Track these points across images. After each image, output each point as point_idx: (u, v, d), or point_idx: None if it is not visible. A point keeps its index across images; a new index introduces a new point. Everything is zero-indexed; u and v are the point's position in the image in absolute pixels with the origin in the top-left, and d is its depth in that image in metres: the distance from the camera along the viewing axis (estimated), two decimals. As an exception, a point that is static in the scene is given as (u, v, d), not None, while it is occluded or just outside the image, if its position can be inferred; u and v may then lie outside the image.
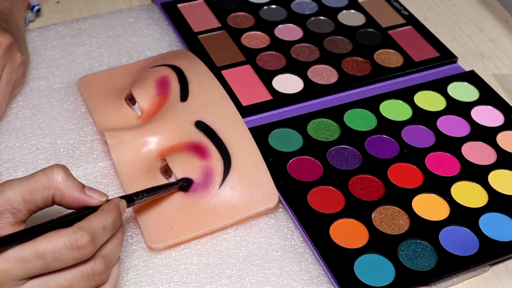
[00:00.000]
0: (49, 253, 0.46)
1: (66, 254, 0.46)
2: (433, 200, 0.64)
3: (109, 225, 0.50)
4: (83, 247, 0.47)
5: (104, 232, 0.49)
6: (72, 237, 0.47)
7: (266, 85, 0.74)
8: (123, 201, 0.54)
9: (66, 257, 0.47)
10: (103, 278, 0.49)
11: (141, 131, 0.65)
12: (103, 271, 0.49)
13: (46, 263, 0.46)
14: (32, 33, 0.81)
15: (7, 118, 0.71)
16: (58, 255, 0.46)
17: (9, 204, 0.49)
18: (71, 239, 0.47)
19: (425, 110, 0.73)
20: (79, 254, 0.47)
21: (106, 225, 0.50)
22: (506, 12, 0.90)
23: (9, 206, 0.49)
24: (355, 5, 0.87)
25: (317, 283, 0.58)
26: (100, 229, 0.49)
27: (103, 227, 0.49)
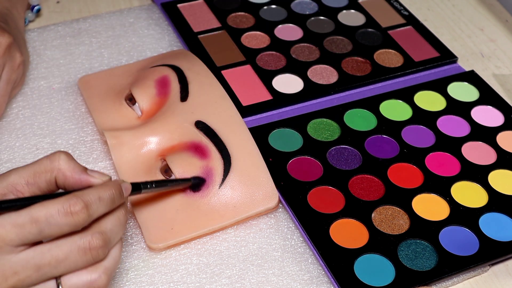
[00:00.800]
0: (43, 218, 0.46)
1: (59, 219, 0.47)
2: (433, 200, 0.64)
3: (106, 197, 0.50)
4: (76, 213, 0.47)
5: (100, 202, 0.49)
6: (65, 203, 0.47)
7: (266, 85, 0.74)
8: (126, 183, 0.54)
9: (60, 222, 0.47)
10: (100, 254, 0.49)
11: (141, 131, 0.65)
12: (100, 247, 0.48)
13: (40, 228, 0.46)
14: (32, 33, 0.81)
15: (7, 118, 0.71)
16: (52, 220, 0.46)
17: (13, 187, 0.49)
18: (65, 205, 0.47)
19: (425, 110, 0.73)
20: (72, 220, 0.47)
21: (102, 197, 0.49)
22: (506, 12, 0.90)
23: (13, 189, 0.49)
24: (355, 5, 0.87)
25: (317, 283, 0.58)
26: (96, 198, 0.49)
27: (99, 197, 0.49)
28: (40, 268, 0.47)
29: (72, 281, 0.48)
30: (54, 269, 0.47)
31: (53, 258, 0.47)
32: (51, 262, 0.47)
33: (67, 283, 0.48)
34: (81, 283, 0.48)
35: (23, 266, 0.46)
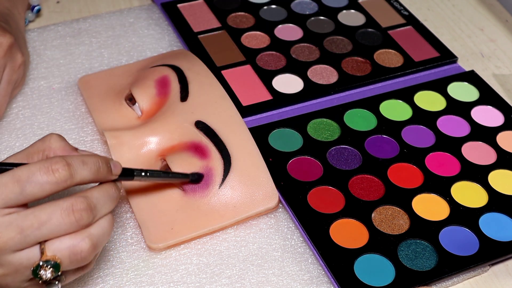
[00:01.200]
0: (24, 177, 0.47)
1: (40, 177, 0.47)
2: (433, 200, 0.64)
3: (90, 163, 0.50)
4: (57, 170, 0.48)
5: (83, 166, 0.49)
6: (47, 162, 0.48)
7: (266, 85, 0.74)
8: (115, 161, 0.54)
9: (41, 180, 0.47)
10: (84, 217, 0.48)
11: (141, 131, 0.65)
12: (83, 209, 0.48)
13: (21, 186, 0.47)
14: (32, 33, 0.81)
15: (7, 118, 0.71)
16: (33, 177, 0.47)
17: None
18: (46, 163, 0.48)
19: (425, 110, 0.73)
20: (53, 177, 0.47)
21: (86, 161, 0.50)
22: (506, 12, 0.90)
23: None
24: (355, 5, 0.87)
25: (317, 283, 0.58)
26: (79, 161, 0.49)
27: (82, 161, 0.50)
28: (23, 230, 0.47)
29: (55, 245, 0.48)
30: (37, 231, 0.47)
31: (36, 219, 0.47)
32: (34, 224, 0.47)
33: (50, 247, 0.48)
34: (63, 246, 0.48)
35: (6, 227, 0.46)
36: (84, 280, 0.57)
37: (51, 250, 0.48)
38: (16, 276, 0.48)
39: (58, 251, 0.48)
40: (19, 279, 0.49)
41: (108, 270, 0.58)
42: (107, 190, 0.52)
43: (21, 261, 0.47)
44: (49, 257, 0.47)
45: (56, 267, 0.48)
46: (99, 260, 0.59)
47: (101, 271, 0.58)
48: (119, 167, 0.54)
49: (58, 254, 0.48)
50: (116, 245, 0.60)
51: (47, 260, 0.47)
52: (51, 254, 0.48)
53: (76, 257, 0.49)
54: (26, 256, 0.47)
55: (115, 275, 0.58)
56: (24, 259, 0.47)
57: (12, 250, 0.47)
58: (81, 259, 0.49)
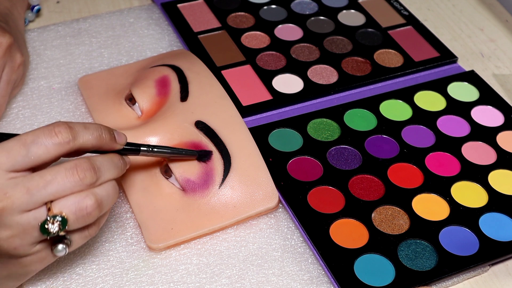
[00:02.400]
0: (30, 140, 0.49)
1: (45, 138, 0.49)
2: (433, 200, 0.64)
3: (92, 128, 0.52)
4: (60, 132, 0.50)
5: (85, 129, 0.51)
6: (50, 125, 0.50)
7: (266, 85, 0.74)
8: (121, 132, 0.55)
9: (45, 141, 0.49)
10: (87, 176, 0.50)
11: (141, 131, 0.65)
12: (87, 168, 0.50)
13: (27, 149, 0.49)
14: (32, 33, 0.81)
15: (7, 118, 0.71)
16: (38, 140, 0.49)
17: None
18: (50, 127, 0.50)
19: (425, 110, 0.73)
20: (56, 138, 0.49)
21: (88, 126, 0.52)
22: (506, 12, 0.90)
23: None
24: (355, 5, 0.87)
25: (317, 283, 0.58)
26: (80, 125, 0.51)
27: (84, 126, 0.52)
28: (29, 190, 0.48)
29: (61, 203, 0.49)
30: (43, 191, 0.48)
31: (41, 179, 0.48)
32: (39, 184, 0.48)
33: (56, 205, 0.49)
34: (69, 202, 0.49)
35: (13, 187, 0.48)
36: (84, 280, 0.57)
37: (58, 208, 0.49)
38: (24, 237, 0.49)
39: (64, 207, 0.49)
40: (27, 241, 0.49)
41: (108, 270, 0.58)
42: (111, 157, 0.53)
43: (28, 220, 0.48)
44: (55, 213, 0.49)
45: (63, 221, 0.49)
46: (99, 260, 0.59)
47: (101, 271, 0.58)
48: (123, 137, 0.55)
49: (64, 210, 0.49)
50: (116, 245, 0.60)
51: (54, 215, 0.49)
52: (58, 211, 0.49)
53: (82, 213, 0.50)
54: (33, 216, 0.49)
55: (115, 275, 0.58)
56: (32, 218, 0.49)
57: (19, 210, 0.48)
58: (87, 214, 0.50)
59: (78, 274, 0.58)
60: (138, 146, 0.57)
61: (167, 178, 0.63)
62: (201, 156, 0.62)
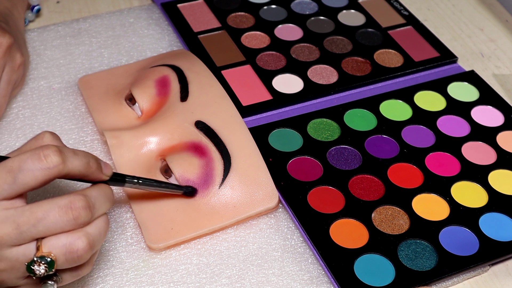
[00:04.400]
0: (16, 166, 0.47)
1: (32, 163, 0.47)
2: (433, 200, 0.64)
3: (81, 154, 0.50)
4: (48, 155, 0.47)
5: (74, 155, 0.49)
6: (38, 150, 0.48)
7: (266, 85, 0.74)
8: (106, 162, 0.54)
9: (32, 166, 0.47)
10: (82, 215, 0.48)
11: (141, 131, 0.65)
12: (82, 207, 0.48)
13: (14, 176, 0.47)
14: (32, 33, 0.81)
15: (7, 118, 0.71)
16: (25, 165, 0.47)
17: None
18: (36, 151, 0.48)
19: (425, 110, 0.73)
20: (44, 162, 0.47)
21: (76, 152, 0.50)
22: (506, 12, 0.90)
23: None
24: (355, 5, 0.87)
25: (317, 283, 0.58)
26: (69, 150, 0.49)
27: (73, 151, 0.50)
28: (19, 226, 0.47)
29: (51, 242, 0.48)
30: (33, 228, 0.47)
31: (33, 215, 0.47)
32: (30, 220, 0.47)
33: (46, 243, 0.48)
34: (59, 243, 0.48)
35: (2, 222, 0.46)
36: (84, 280, 0.57)
37: (47, 247, 0.48)
38: (12, 272, 0.48)
39: (54, 248, 0.48)
40: (15, 275, 0.49)
41: (108, 270, 0.58)
42: (104, 190, 0.52)
43: (17, 256, 0.47)
44: (44, 253, 0.47)
45: (51, 263, 0.47)
46: (99, 260, 0.59)
47: (101, 271, 0.58)
48: (109, 168, 0.53)
49: (54, 251, 0.48)
50: (116, 245, 0.60)
51: (41, 256, 0.47)
52: (47, 250, 0.47)
53: (72, 256, 0.48)
54: (22, 252, 0.47)
55: (115, 275, 0.58)
56: (21, 254, 0.47)
57: (8, 245, 0.47)
58: (77, 257, 0.49)
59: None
60: (123, 177, 0.56)
61: (167, 178, 0.63)
62: (187, 192, 0.61)
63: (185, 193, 0.61)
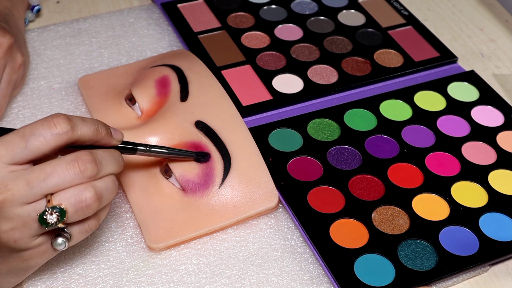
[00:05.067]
0: (28, 132, 0.49)
1: (43, 129, 0.49)
2: (433, 200, 0.64)
3: (89, 121, 0.52)
4: (59, 123, 0.50)
5: (83, 122, 0.52)
6: (48, 117, 0.50)
7: (266, 85, 0.74)
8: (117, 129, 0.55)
9: (43, 132, 0.49)
10: (88, 168, 0.50)
11: (141, 131, 0.65)
12: (88, 161, 0.50)
13: (26, 141, 0.49)
14: (32, 33, 0.81)
15: (7, 118, 0.71)
16: (36, 131, 0.49)
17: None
18: (48, 118, 0.50)
19: (425, 110, 0.73)
20: (55, 129, 0.49)
21: (85, 119, 0.52)
22: (506, 12, 0.90)
23: None
24: (355, 5, 0.87)
25: (317, 283, 0.58)
26: (78, 118, 0.51)
27: (81, 118, 0.52)
28: (30, 182, 0.48)
29: (61, 195, 0.49)
30: (43, 183, 0.48)
31: (42, 172, 0.49)
32: (40, 176, 0.48)
33: (56, 197, 0.49)
34: (68, 195, 0.49)
35: (14, 180, 0.48)
36: (84, 280, 0.57)
37: (57, 200, 0.49)
38: (24, 230, 0.49)
39: (63, 199, 0.49)
40: (27, 233, 0.50)
41: (108, 270, 0.58)
42: (112, 152, 0.54)
43: (28, 213, 0.49)
44: (54, 204, 0.49)
45: (62, 212, 0.49)
46: (99, 260, 0.59)
47: (101, 271, 0.58)
48: (119, 133, 0.55)
49: (63, 202, 0.49)
50: (116, 245, 0.60)
51: (52, 206, 0.49)
52: (57, 202, 0.49)
53: (81, 205, 0.50)
54: (33, 208, 0.49)
55: (115, 275, 0.58)
56: (32, 211, 0.49)
57: (20, 202, 0.48)
58: (86, 207, 0.50)
59: (78, 274, 0.58)
60: (135, 145, 0.57)
61: (167, 178, 0.63)
62: (198, 157, 0.62)
63: (197, 159, 0.62)
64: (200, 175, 0.62)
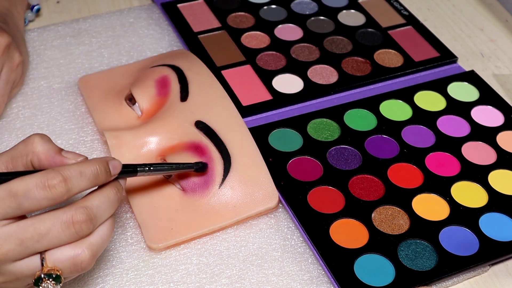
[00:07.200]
0: (21, 192, 0.46)
1: (37, 193, 0.47)
2: (433, 200, 0.64)
3: (89, 172, 0.49)
4: (54, 186, 0.47)
5: (81, 177, 0.49)
6: (43, 177, 0.47)
7: (266, 85, 0.74)
8: (116, 161, 0.53)
9: (37, 196, 0.47)
10: (84, 228, 0.48)
11: (141, 131, 0.65)
12: (83, 221, 0.48)
13: (18, 202, 0.46)
14: (32, 33, 0.81)
15: (7, 118, 0.71)
16: (30, 194, 0.46)
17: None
18: (43, 178, 0.47)
19: (425, 110, 0.73)
20: (50, 193, 0.47)
21: (84, 172, 0.49)
22: (506, 12, 0.90)
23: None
24: (355, 5, 0.87)
25: (317, 283, 0.58)
26: (76, 173, 0.49)
27: (80, 172, 0.49)
28: (23, 242, 0.47)
29: (56, 255, 0.48)
30: (37, 243, 0.47)
31: (36, 232, 0.47)
32: (34, 236, 0.47)
33: (51, 258, 0.48)
34: (64, 257, 0.48)
35: (6, 239, 0.46)
36: (84, 280, 0.57)
37: (52, 261, 0.48)
38: (17, 283, 0.49)
39: (58, 262, 0.48)
40: (20, 285, 0.49)
41: (108, 270, 0.58)
42: (107, 196, 0.51)
43: (21, 270, 0.48)
44: (50, 269, 0.48)
45: (57, 278, 0.48)
46: (99, 260, 0.59)
47: (101, 271, 0.58)
48: (118, 167, 0.53)
49: (58, 264, 0.48)
50: (116, 245, 0.60)
51: (48, 273, 0.48)
52: (52, 265, 0.48)
53: (76, 268, 0.49)
54: (26, 265, 0.48)
55: (115, 275, 0.58)
56: (25, 268, 0.48)
57: (12, 260, 0.47)
58: (81, 269, 0.49)
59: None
60: (135, 167, 0.56)
61: (167, 178, 0.63)
62: (198, 168, 0.62)
63: (196, 170, 0.61)
64: (200, 175, 0.62)
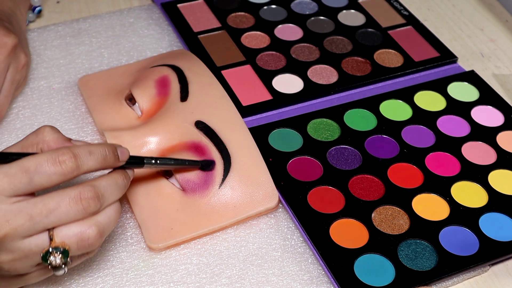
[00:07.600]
0: (32, 167, 0.48)
1: (48, 167, 0.48)
2: (433, 200, 0.64)
3: (97, 152, 0.51)
4: (64, 161, 0.49)
5: (90, 156, 0.50)
6: (54, 153, 0.49)
7: (266, 85, 0.74)
8: (124, 148, 0.54)
9: (48, 170, 0.48)
10: (91, 204, 0.49)
11: (141, 131, 0.65)
12: (91, 197, 0.49)
13: (30, 177, 0.48)
14: (32, 33, 0.81)
15: (7, 118, 0.71)
16: (41, 168, 0.48)
17: None
18: (53, 155, 0.49)
19: (425, 110, 0.73)
20: (60, 168, 0.49)
21: (92, 151, 0.51)
22: (506, 12, 0.90)
23: None
24: (355, 5, 0.87)
25: (317, 283, 0.58)
26: (86, 152, 0.50)
27: (89, 151, 0.51)
28: (32, 217, 0.48)
29: (63, 231, 0.49)
30: (45, 219, 0.48)
31: (45, 207, 0.48)
32: (43, 211, 0.48)
33: (59, 234, 0.49)
34: (71, 233, 0.49)
35: (16, 214, 0.48)
36: (84, 280, 0.57)
37: (60, 237, 0.49)
38: (25, 261, 0.49)
39: (66, 237, 0.49)
40: (28, 264, 0.50)
41: (108, 270, 0.58)
42: (115, 179, 0.53)
43: (30, 247, 0.49)
44: (58, 244, 0.49)
45: (65, 253, 0.49)
46: (99, 260, 0.59)
47: (101, 271, 0.58)
48: (126, 154, 0.54)
49: (66, 240, 0.49)
50: (116, 245, 0.60)
51: (56, 246, 0.49)
52: (60, 240, 0.49)
53: (84, 244, 0.50)
54: (35, 242, 0.49)
55: (115, 275, 0.58)
56: (33, 245, 0.49)
57: (21, 236, 0.48)
58: (88, 245, 0.50)
59: (78, 274, 0.58)
60: (142, 159, 0.57)
61: (167, 178, 0.63)
62: (203, 165, 0.62)
63: (202, 167, 0.62)
64: (200, 175, 0.62)
